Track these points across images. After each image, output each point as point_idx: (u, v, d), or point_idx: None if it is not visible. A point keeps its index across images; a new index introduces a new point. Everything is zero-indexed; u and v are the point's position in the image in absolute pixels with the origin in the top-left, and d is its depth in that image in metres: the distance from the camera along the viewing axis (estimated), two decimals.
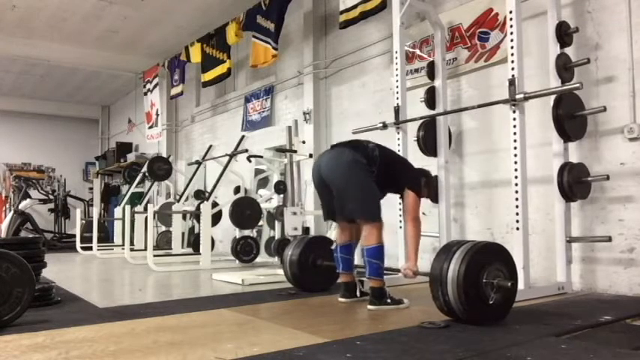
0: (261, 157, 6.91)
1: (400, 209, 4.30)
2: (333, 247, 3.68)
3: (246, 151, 6.53)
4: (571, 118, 3.76)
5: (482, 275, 2.69)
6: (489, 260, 2.75)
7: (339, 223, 3.55)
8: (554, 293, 3.68)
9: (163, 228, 8.88)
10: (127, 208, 7.65)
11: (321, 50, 6.86)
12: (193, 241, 7.51)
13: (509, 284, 2.72)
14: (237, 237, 6.46)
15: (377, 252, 3.25)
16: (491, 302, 2.69)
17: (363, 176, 3.30)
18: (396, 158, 3.57)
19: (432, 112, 4.75)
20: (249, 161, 6.75)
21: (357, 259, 3.67)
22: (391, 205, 4.16)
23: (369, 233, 3.25)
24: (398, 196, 3.74)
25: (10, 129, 13.81)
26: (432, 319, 2.77)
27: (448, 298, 2.69)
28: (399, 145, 4.41)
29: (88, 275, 6.09)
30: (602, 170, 3.85)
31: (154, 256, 6.03)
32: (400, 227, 4.34)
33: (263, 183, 7.44)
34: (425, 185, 3.54)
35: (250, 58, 7.44)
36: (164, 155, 9.92)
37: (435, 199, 4.73)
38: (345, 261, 3.56)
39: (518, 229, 3.44)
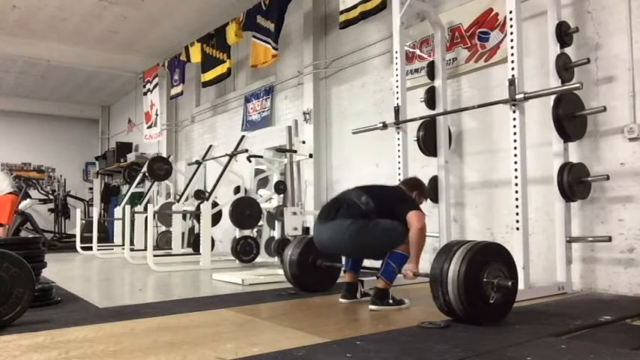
0: (261, 157, 6.91)
1: None
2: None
3: (246, 151, 6.53)
4: (571, 118, 3.76)
5: (482, 275, 2.69)
6: (490, 260, 2.75)
7: None
8: (554, 293, 3.68)
9: (163, 228, 8.88)
10: (127, 208, 7.65)
11: (321, 50, 6.86)
12: (193, 241, 7.50)
13: (510, 284, 2.72)
14: (237, 237, 6.46)
15: (400, 258, 3.29)
16: (491, 302, 2.69)
17: (372, 231, 3.30)
18: (388, 199, 3.49)
19: (432, 112, 4.75)
20: (249, 161, 6.75)
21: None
22: None
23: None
24: None
25: (10, 129, 13.81)
26: (432, 319, 2.77)
27: (448, 297, 2.69)
28: (398, 145, 4.41)
29: (88, 275, 6.08)
30: (602, 170, 3.85)
31: (154, 256, 6.03)
32: None
33: (263, 183, 7.44)
34: (421, 194, 3.72)
35: (250, 58, 7.44)
36: (164, 155, 9.91)
37: (435, 199, 4.73)
38: (353, 260, 3.59)
39: (518, 229, 3.44)
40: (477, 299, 2.67)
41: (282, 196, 6.40)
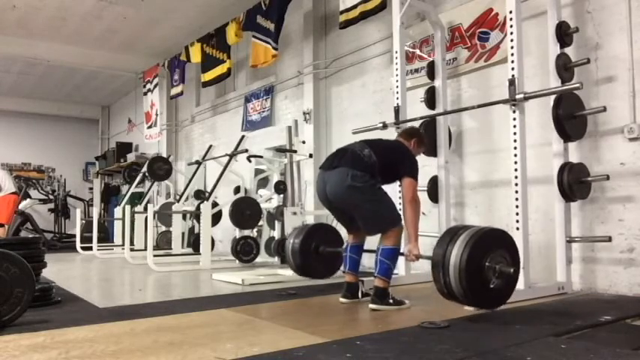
0: (261, 157, 6.91)
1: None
2: (343, 246, 3.72)
3: (246, 151, 6.53)
4: (571, 118, 3.76)
5: (485, 260, 2.68)
6: (493, 246, 2.74)
7: None
8: (554, 293, 3.68)
9: (163, 228, 8.88)
10: (127, 208, 7.65)
11: (321, 50, 6.86)
12: (193, 241, 7.51)
13: (512, 270, 2.72)
14: (237, 237, 6.46)
15: (392, 253, 3.30)
16: (492, 287, 2.68)
17: (372, 194, 3.33)
18: (390, 153, 3.51)
19: (432, 112, 4.75)
20: (249, 161, 6.75)
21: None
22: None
23: (388, 235, 3.30)
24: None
25: (10, 129, 13.80)
26: (432, 319, 2.77)
27: (449, 280, 2.68)
28: None
29: (88, 275, 6.09)
30: (602, 170, 3.85)
31: (154, 256, 6.04)
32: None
33: (263, 183, 7.44)
34: (418, 143, 3.72)
35: (250, 58, 7.44)
36: (164, 155, 9.91)
37: (435, 198, 4.73)
38: (352, 261, 3.59)
39: (518, 229, 3.44)
40: (478, 284, 2.67)
41: (282, 196, 6.39)
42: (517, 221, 3.45)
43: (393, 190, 3.83)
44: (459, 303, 2.75)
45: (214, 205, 6.50)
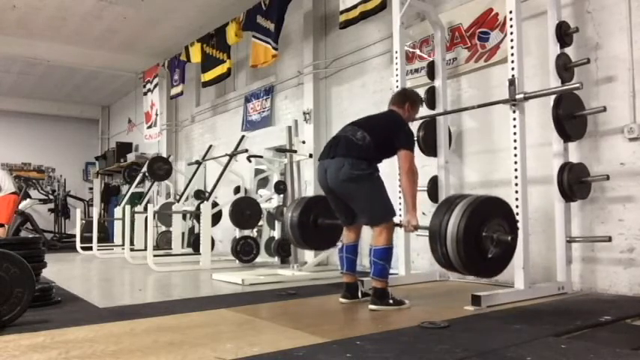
0: (261, 157, 6.91)
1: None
2: (339, 246, 3.70)
3: (246, 151, 6.53)
4: (571, 118, 3.76)
5: (482, 229, 2.66)
6: (491, 214, 2.72)
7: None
8: (554, 293, 3.67)
9: (163, 228, 8.88)
10: (127, 208, 7.65)
11: (321, 50, 6.86)
12: (193, 241, 7.51)
13: (509, 238, 2.70)
14: (237, 237, 6.46)
15: (385, 253, 3.27)
16: (490, 256, 2.66)
17: (370, 184, 3.31)
18: (384, 127, 3.46)
19: (432, 112, 4.75)
20: (249, 161, 6.75)
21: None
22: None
23: (379, 234, 3.28)
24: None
25: (10, 129, 13.80)
26: (432, 319, 2.77)
27: (446, 250, 2.66)
28: None
29: (88, 275, 6.09)
30: (602, 170, 3.85)
31: (154, 256, 6.04)
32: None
33: (263, 183, 7.44)
34: (413, 106, 3.64)
35: (250, 58, 7.44)
36: (164, 155, 9.91)
37: (434, 198, 4.73)
38: (349, 261, 3.57)
39: (518, 229, 3.44)
40: (476, 253, 2.64)
41: (282, 196, 6.40)
42: (517, 221, 3.44)
43: (393, 192, 3.83)
44: (457, 273, 2.74)
45: (214, 205, 6.50)
